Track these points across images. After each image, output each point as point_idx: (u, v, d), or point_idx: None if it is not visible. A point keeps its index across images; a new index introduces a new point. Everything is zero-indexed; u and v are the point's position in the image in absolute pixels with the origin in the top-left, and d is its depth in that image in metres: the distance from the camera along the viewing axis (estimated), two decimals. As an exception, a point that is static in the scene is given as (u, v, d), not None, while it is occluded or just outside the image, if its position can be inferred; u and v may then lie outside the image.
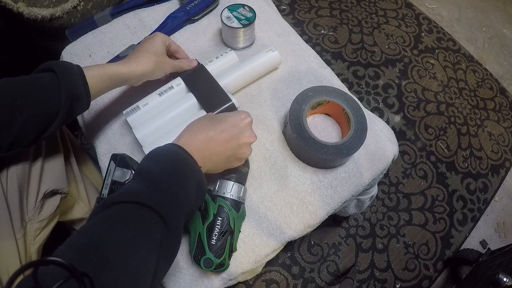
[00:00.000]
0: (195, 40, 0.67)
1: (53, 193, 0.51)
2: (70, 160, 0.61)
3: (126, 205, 0.32)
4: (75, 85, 0.42)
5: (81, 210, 0.64)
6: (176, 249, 0.36)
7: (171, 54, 0.58)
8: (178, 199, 0.36)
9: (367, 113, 0.59)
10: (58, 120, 0.42)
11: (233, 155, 0.44)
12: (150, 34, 0.65)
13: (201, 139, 0.41)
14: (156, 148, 0.40)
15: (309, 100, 0.53)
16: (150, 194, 0.34)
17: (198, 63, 0.58)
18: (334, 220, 1.05)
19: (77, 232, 0.30)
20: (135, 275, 0.28)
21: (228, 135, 0.43)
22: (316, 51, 0.69)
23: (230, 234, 0.44)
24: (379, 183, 1.09)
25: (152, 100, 0.55)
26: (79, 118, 0.64)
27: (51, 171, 0.51)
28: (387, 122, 1.21)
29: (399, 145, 0.92)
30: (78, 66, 0.45)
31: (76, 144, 0.68)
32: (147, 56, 0.50)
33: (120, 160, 0.49)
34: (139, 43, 0.65)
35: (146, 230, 0.31)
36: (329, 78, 0.62)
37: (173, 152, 0.39)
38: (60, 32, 0.76)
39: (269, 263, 0.90)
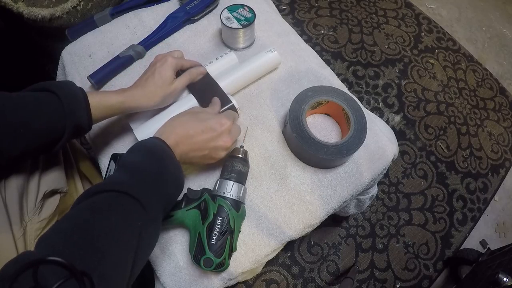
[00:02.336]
0: (195, 41, 0.67)
1: (52, 192, 0.51)
2: (69, 159, 0.61)
3: (109, 194, 0.34)
4: (79, 118, 0.43)
5: None
6: (155, 238, 0.38)
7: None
8: (158, 190, 0.38)
9: (367, 113, 0.59)
10: (60, 143, 0.43)
11: (208, 155, 0.46)
12: (151, 34, 0.66)
13: (182, 134, 0.43)
14: (139, 141, 0.43)
15: (308, 100, 0.53)
16: (133, 184, 0.36)
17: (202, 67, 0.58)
18: (334, 220, 1.05)
19: (62, 219, 0.31)
20: (117, 260, 0.30)
21: (207, 137, 0.44)
22: (316, 51, 0.69)
23: (230, 233, 0.44)
24: (379, 183, 1.09)
25: (152, 100, 0.55)
26: (79, 118, 0.64)
27: (50, 171, 0.51)
28: (387, 122, 1.21)
29: (399, 145, 0.92)
30: (83, 92, 0.44)
31: (74, 143, 0.68)
32: (155, 90, 0.50)
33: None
34: (139, 43, 0.65)
35: (128, 218, 0.33)
36: (329, 78, 0.62)
37: (155, 145, 0.41)
38: (60, 32, 0.76)
39: (269, 263, 0.90)
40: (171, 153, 0.41)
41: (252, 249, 0.50)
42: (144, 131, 0.52)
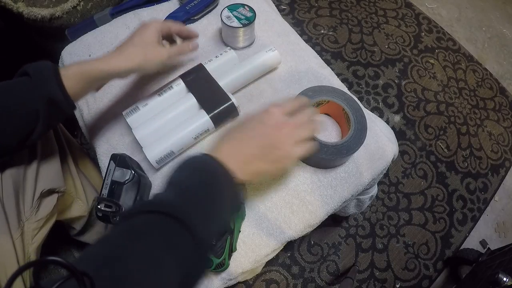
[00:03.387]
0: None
1: (49, 192, 0.51)
2: (67, 159, 0.61)
3: (152, 216, 0.30)
4: (49, 90, 0.40)
5: (79, 208, 0.64)
6: (203, 267, 0.34)
7: (175, 35, 0.54)
8: (210, 213, 0.34)
9: (367, 113, 0.59)
10: (39, 126, 0.41)
11: (275, 158, 0.40)
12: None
13: (234, 145, 0.39)
14: (190, 158, 0.38)
15: (308, 100, 0.53)
16: (179, 204, 0.32)
17: (201, 65, 0.57)
18: (334, 220, 1.05)
19: (98, 241, 0.28)
20: None
21: (260, 132, 0.40)
22: (316, 51, 0.69)
23: (230, 234, 0.44)
24: (379, 183, 1.09)
25: (151, 101, 0.55)
26: (79, 118, 0.64)
27: (47, 171, 0.51)
28: (387, 122, 1.21)
29: (399, 145, 0.92)
30: (54, 66, 0.41)
31: (73, 143, 0.68)
32: (133, 50, 0.47)
33: (120, 160, 0.49)
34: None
35: (171, 245, 0.29)
36: (329, 78, 0.62)
37: (207, 163, 0.36)
38: (60, 32, 0.76)
39: (269, 263, 0.90)
40: (223, 170, 0.36)
41: (252, 249, 0.50)
42: (143, 130, 0.52)
